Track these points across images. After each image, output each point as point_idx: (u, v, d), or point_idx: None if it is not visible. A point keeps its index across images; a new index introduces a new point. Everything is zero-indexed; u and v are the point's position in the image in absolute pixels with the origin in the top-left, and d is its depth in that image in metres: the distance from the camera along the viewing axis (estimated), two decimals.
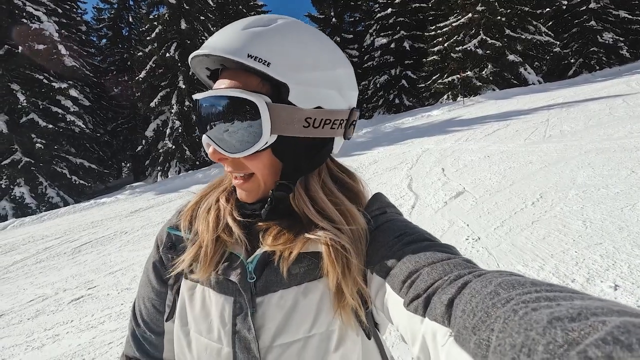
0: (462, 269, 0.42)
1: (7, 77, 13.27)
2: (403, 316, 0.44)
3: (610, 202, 3.37)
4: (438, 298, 0.39)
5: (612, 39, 20.67)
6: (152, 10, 17.41)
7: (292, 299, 0.55)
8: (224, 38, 0.52)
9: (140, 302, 0.68)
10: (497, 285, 0.34)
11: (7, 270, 5.28)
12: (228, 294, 0.57)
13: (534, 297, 0.30)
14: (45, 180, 14.15)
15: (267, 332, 0.55)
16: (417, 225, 0.57)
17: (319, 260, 0.55)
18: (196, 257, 0.59)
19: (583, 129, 6.66)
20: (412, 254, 0.48)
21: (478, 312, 0.33)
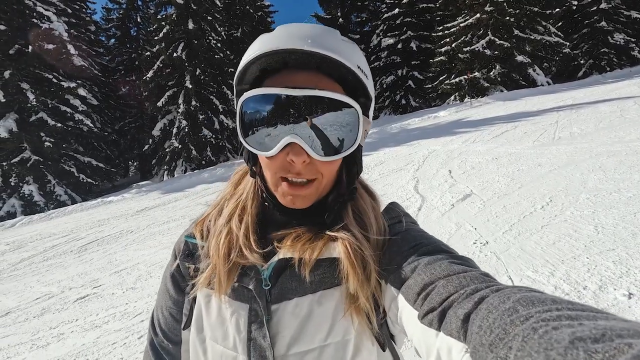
0: (479, 282, 0.41)
1: (17, 76, 13.43)
2: (417, 329, 0.43)
3: (622, 206, 3.30)
4: (454, 312, 0.38)
5: (624, 39, 20.33)
6: (160, 11, 17.53)
7: (308, 307, 0.55)
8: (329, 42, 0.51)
9: (158, 312, 0.69)
10: (515, 301, 0.33)
11: (15, 267, 5.33)
12: (243, 301, 0.57)
13: (554, 315, 0.29)
14: (54, 178, 14.31)
15: (282, 340, 0.54)
16: (433, 236, 0.56)
17: (334, 267, 0.55)
18: (211, 276, 0.59)
19: (593, 131, 6.54)
20: (428, 266, 0.47)
21: (495, 328, 0.32)
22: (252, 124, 0.54)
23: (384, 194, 0.67)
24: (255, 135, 0.54)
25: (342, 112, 0.52)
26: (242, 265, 0.58)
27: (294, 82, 0.51)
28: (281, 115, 0.52)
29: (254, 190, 0.63)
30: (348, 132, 0.53)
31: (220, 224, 0.62)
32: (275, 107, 0.52)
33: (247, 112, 0.54)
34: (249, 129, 0.54)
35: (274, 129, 0.52)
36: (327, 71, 0.53)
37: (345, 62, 0.51)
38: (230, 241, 0.59)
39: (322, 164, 0.54)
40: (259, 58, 0.52)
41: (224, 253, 0.58)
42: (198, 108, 15.77)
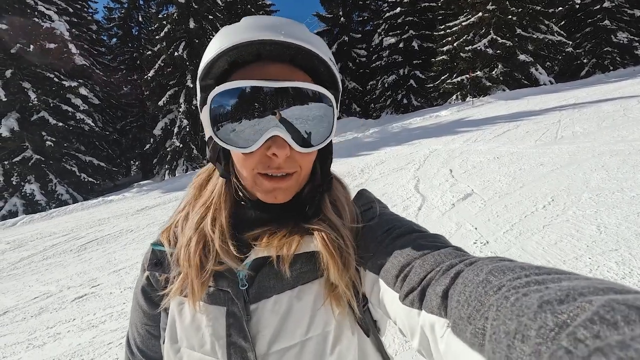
0: (453, 258, 0.42)
1: (18, 75, 13.46)
2: (400, 311, 0.44)
3: (625, 206, 3.25)
4: (433, 290, 0.39)
5: (627, 38, 20.19)
6: (161, 10, 17.54)
7: (287, 303, 0.54)
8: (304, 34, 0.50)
9: (133, 330, 0.66)
10: (487, 272, 0.35)
11: (14, 266, 5.32)
12: (220, 304, 0.56)
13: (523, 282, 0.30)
14: (55, 177, 14.33)
15: (263, 339, 0.54)
16: (404, 218, 0.57)
17: (312, 261, 0.55)
18: (183, 287, 0.57)
19: (596, 130, 6.48)
20: (403, 247, 0.48)
21: (472, 301, 0.33)
22: (225, 119, 0.51)
23: (384, 193, 0.67)
24: (230, 131, 0.51)
25: (319, 103, 0.52)
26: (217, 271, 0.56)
27: (268, 75, 0.49)
28: (261, 109, 0.49)
29: (225, 191, 0.59)
30: (326, 123, 0.53)
31: (189, 230, 0.58)
32: (252, 101, 0.49)
33: (219, 107, 0.50)
34: (222, 126, 0.51)
35: (253, 123, 0.50)
36: (300, 63, 0.52)
37: (320, 53, 0.51)
38: (205, 247, 0.56)
39: (302, 156, 0.53)
40: (231, 50, 0.49)
41: (197, 262, 0.55)
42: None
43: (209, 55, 0.51)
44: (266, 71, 0.50)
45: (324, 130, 0.54)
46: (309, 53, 0.50)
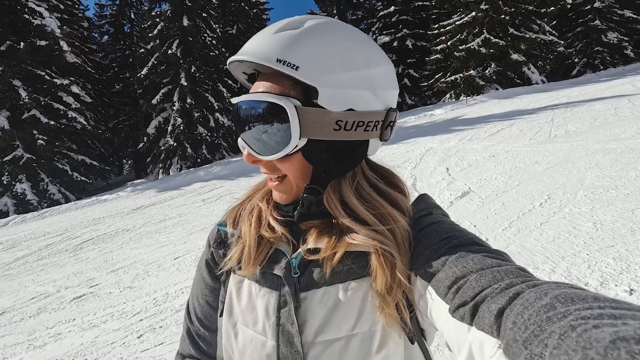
0: (513, 277, 0.40)
1: (9, 73, 13.21)
2: (448, 323, 0.43)
3: (620, 203, 3.32)
4: (487, 307, 0.37)
5: (617, 38, 20.50)
6: (154, 7, 17.38)
7: (335, 296, 0.55)
8: (255, 43, 0.53)
9: (194, 300, 0.70)
10: (553, 297, 0.32)
11: (9, 267, 5.25)
12: (273, 287, 0.58)
13: (596, 313, 0.28)
14: (47, 176, 14.11)
15: (310, 327, 0.55)
16: (465, 229, 0.55)
17: (363, 259, 0.55)
18: (241, 255, 0.61)
19: (589, 129, 6.60)
20: (460, 259, 0.46)
21: (531, 325, 0.31)
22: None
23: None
24: None
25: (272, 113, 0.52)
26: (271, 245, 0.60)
27: (253, 88, 0.57)
28: (236, 120, 0.58)
29: None
30: (282, 132, 0.52)
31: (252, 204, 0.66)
32: (234, 113, 0.58)
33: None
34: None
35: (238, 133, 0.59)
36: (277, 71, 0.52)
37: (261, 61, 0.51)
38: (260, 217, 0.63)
39: (280, 163, 0.56)
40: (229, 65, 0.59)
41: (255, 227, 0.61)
42: (193, 106, 15.66)
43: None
44: (256, 83, 0.57)
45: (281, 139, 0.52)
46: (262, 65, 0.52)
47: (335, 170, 0.56)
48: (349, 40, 0.54)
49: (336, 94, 0.51)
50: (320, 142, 0.53)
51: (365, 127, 0.54)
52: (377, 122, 0.55)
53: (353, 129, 0.53)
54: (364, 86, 0.53)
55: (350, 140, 0.55)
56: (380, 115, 0.56)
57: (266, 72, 0.56)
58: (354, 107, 0.53)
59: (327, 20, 0.56)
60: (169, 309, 3.13)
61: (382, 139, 0.59)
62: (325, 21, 0.55)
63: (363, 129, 0.54)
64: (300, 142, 0.52)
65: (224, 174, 10.53)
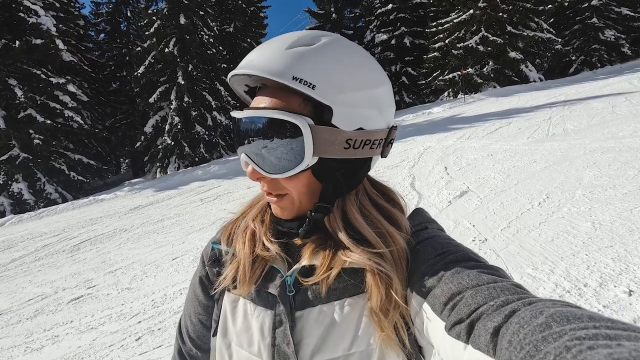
0: (510, 294, 0.39)
1: (4, 72, 13.11)
2: (444, 340, 0.42)
3: (618, 203, 3.33)
4: (483, 325, 0.37)
5: (614, 36, 20.56)
6: (150, 5, 17.25)
7: (331, 314, 0.54)
8: (267, 57, 0.51)
9: (186, 319, 0.69)
10: (548, 316, 0.32)
11: (5, 268, 5.22)
12: (268, 307, 0.57)
13: (591, 333, 0.27)
14: (44, 176, 14.04)
15: (306, 347, 0.54)
16: (461, 244, 0.54)
17: (358, 275, 0.54)
18: (236, 274, 0.60)
19: (586, 127, 6.61)
20: (455, 274, 0.45)
21: (526, 345, 0.30)
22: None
23: None
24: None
25: (283, 131, 0.51)
26: (266, 262, 0.59)
27: (257, 102, 0.55)
28: (237, 134, 0.57)
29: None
30: (293, 150, 0.51)
31: (246, 221, 0.64)
32: (234, 127, 0.57)
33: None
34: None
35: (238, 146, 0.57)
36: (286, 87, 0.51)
37: (277, 78, 0.49)
38: (254, 236, 0.61)
39: (286, 181, 0.55)
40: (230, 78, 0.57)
41: (249, 247, 0.60)
42: (190, 104, 15.59)
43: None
44: (258, 99, 0.55)
45: (290, 157, 0.52)
46: (272, 80, 0.50)
47: (344, 188, 0.56)
48: (360, 59, 0.54)
49: (349, 113, 0.51)
50: (330, 160, 0.53)
51: (372, 145, 0.55)
52: (381, 140, 0.56)
53: (361, 147, 0.53)
54: (372, 105, 0.54)
55: (357, 158, 0.55)
56: (384, 133, 0.57)
57: (271, 87, 0.54)
58: (363, 126, 0.53)
59: (338, 37, 0.56)
60: (168, 310, 3.11)
61: (383, 155, 0.59)
62: (337, 39, 0.55)
63: (369, 147, 0.54)
64: (312, 160, 0.52)
65: (222, 173, 10.50)
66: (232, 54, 20.57)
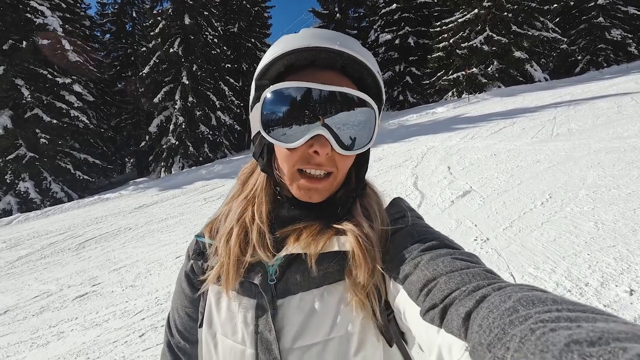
0: (480, 279, 0.41)
1: (11, 72, 13.27)
2: (420, 325, 0.44)
3: (622, 203, 3.31)
4: (455, 310, 0.39)
5: (620, 35, 20.36)
6: (155, 5, 17.41)
7: (312, 301, 0.56)
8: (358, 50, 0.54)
9: (174, 313, 0.71)
10: (516, 301, 0.34)
11: (12, 265, 5.29)
12: (251, 296, 0.59)
13: (553, 316, 0.29)
14: (50, 175, 14.20)
15: (287, 334, 0.55)
16: (438, 231, 0.57)
17: (339, 262, 0.56)
18: (220, 274, 0.61)
19: (591, 127, 6.57)
20: (431, 261, 0.47)
21: (495, 328, 0.32)
22: (275, 116, 0.55)
23: (383, 191, 0.68)
24: (277, 128, 0.55)
25: (363, 111, 0.55)
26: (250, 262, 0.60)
27: (320, 79, 0.54)
28: (310, 109, 0.54)
29: (266, 186, 0.64)
30: (367, 130, 0.56)
31: (230, 223, 0.63)
32: (304, 101, 0.53)
33: (271, 104, 0.55)
34: (271, 121, 0.56)
35: (301, 121, 0.54)
36: (350, 72, 0.56)
37: (369, 65, 0.55)
38: (245, 238, 0.61)
39: (340, 158, 0.56)
40: (289, 54, 0.53)
41: (236, 252, 0.59)
42: (195, 104, 15.68)
43: (268, 58, 0.55)
44: (318, 76, 0.54)
45: (365, 137, 0.57)
46: (359, 63, 0.54)
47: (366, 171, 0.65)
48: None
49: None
50: None
51: None
52: None
53: None
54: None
55: None
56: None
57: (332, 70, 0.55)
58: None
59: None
60: None
61: None
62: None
63: None
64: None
65: (226, 172, 10.55)
66: (236, 54, 20.64)
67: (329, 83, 0.53)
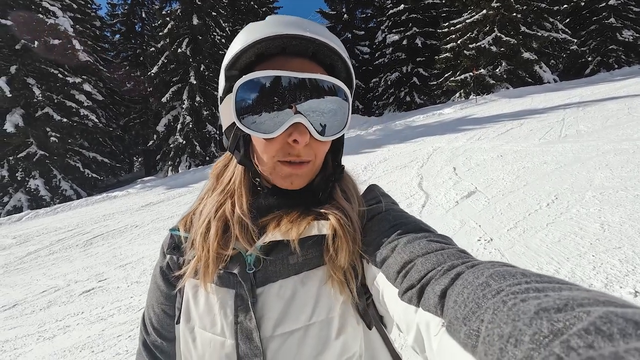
0: (455, 259, 0.42)
1: (23, 71, 13.51)
2: (398, 306, 0.45)
3: (629, 205, 3.26)
4: (431, 289, 0.40)
5: (632, 36, 20.04)
6: (164, 6, 17.57)
7: (292, 288, 0.56)
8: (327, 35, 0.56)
9: (149, 311, 0.69)
10: (488, 276, 0.35)
11: (21, 260, 5.39)
12: (229, 287, 0.58)
13: (523, 288, 0.31)
14: (59, 173, 14.42)
15: (268, 321, 0.55)
16: (412, 215, 0.58)
17: (318, 247, 0.57)
18: (197, 268, 0.60)
19: (600, 129, 6.47)
20: (407, 244, 0.49)
21: (469, 303, 0.33)
22: (249, 107, 0.54)
23: (388, 191, 0.68)
24: (253, 118, 0.54)
25: (335, 97, 0.56)
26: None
27: (292, 67, 0.53)
28: (285, 97, 0.53)
29: (244, 178, 0.63)
30: (342, 116, 0.58)
31: (207, 216, 0.62)
32: (278, 90, 0.53)
33: (244, 95, 0.54)
34: (246, 112, 0.54)
35: (277, 110, 0.53)
36: (320, 58, 0.57)
37: (339, 50, 0.56)
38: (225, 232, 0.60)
39: (317, 145, 0.57)
40: (259, 42, 0.53)
41: (215, 247, 0.58)
42: (202, 104, 15.79)
43: (236, 47, 0.55)
44: (289, 64, 0.54)
45: (339, 122, 0.58)
46: (331, 49, 0.55)
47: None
48: None
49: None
50: None
51: None
52: None
53: None
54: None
55: None
56: None
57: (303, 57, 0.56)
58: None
59: None
60: None
61: None
62: None
63: None
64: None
65: None
66: None
67: (301, 70, 0.53)
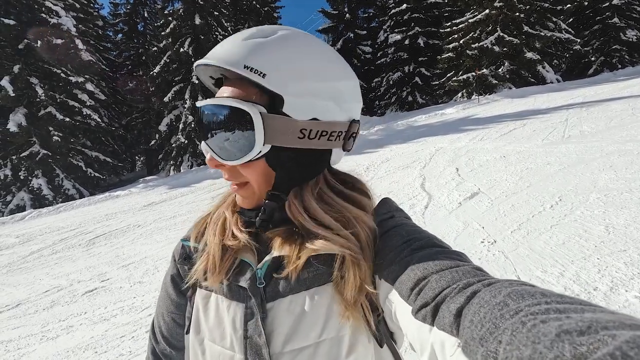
0: (471, 277, 0.41)
1: (26, 70, 13.55)
2: (412, 324, 0.44)
3: (634, 207, 3.25)
4: (447, 307, 0.39)
5: (636, 36, 19.94)
6: (167, 6, 17.56)
7: (302, 304, 0.55)
8: (224, 48, 0.54)
9: (159, 319, 0.69)
10: (506, 295, 0.34)
11: (24, 260, 5.41)
12: (239, 300, 0.57)
13: (543, 308, 0.30)
14: (62, 172, 14.46)
15: (277, 337, 0.54)
16: (426, 231, 0.56)
17: (328, 263, 0.55)
18: (207, 266, 0.60)
19: (604, 129, 6.44)
20: (421, 261, 0.47)
21: (486, 323, 0.32)
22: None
23: (390, 192, 0.67)
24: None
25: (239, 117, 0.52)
26: (236, 253, 0.59)
27: (219, 93, 0.57)
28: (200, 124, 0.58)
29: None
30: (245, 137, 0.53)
31: (218, 214, 0.65)
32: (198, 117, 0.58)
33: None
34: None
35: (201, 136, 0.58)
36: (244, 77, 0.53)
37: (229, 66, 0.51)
38: (224, 225, 0.62)
39: (243, 168, 0.56)
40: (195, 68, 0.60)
41: (219, 236, 0.61)
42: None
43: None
44: (222, 88, 0.57)
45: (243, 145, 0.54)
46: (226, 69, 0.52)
47: (298, 177, 0.58)
48: (316, 52, 0.56)
49: (301, 103, 0.53)
50: (284, 149, 0.55)
51: (329, 136, 0.56)
52: (340, 133, 0.57)
53: (317, 137, 0.55)
54: (328, 97, 0.55)
55: (314, 149, 0.56)
56: (344, 126, 0.58)
57: (232, 78, 0.56)
58: (318, 116, 0.54)
59: (298, 31, 0.57)
60: None
61: (345, 149, 0.61)
62: (295, 32, 0.57)
63: (326, 139, 0.56)
64: (264, 148, 0.54)
65: None
66: None
67: (221, 95, 0.55)
